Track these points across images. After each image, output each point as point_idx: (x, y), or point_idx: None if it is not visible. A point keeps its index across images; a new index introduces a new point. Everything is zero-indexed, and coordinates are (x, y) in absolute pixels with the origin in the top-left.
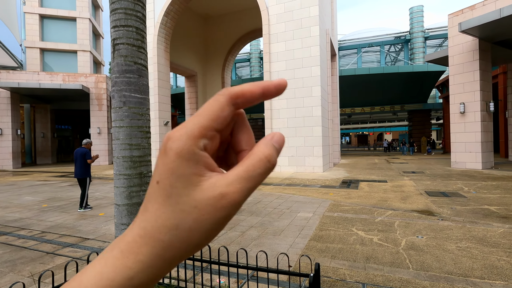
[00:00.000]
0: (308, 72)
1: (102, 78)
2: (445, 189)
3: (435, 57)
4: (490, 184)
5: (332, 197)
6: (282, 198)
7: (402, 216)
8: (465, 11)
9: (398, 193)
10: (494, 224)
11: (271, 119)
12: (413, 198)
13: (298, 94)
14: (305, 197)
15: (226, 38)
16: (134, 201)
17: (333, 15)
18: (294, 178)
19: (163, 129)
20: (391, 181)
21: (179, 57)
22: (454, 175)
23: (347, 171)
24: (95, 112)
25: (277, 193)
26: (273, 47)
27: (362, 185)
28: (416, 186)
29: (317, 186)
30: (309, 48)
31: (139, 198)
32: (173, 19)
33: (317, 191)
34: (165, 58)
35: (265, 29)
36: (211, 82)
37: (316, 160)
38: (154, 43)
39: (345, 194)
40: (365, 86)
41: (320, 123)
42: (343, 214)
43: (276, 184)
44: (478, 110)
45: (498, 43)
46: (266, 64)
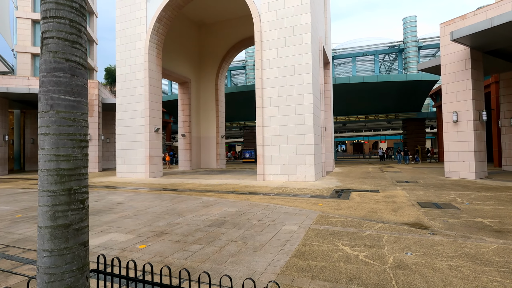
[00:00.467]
0: (300, 79)
1: (94, 84)
2: (438, 200)
3: (428, 66)
4: (484, 195)
5: (321, 208)
6: (269, 209)
7: (391, 230)
8: (456, 20)
9: (389, 204)
10: (487, 239)
11: (262, 127)
12: (405, 210)
13: (290, 101)
14: (293, 208)
15: (220, 45)
16: (59, 223)
17: (327, 23)
18: (284, 187)
19: (153, 136)
20: (384, 191)
21: (173, 64)
22: (447, 185)
23: (339, 180)
24: None
25: (264, 204)
26: (265, 54)
27: (353, 195)
28: (409, 196)
29: (307, 196)
30: (301, 55)
31: (65, 219)
32: (166, 25)
33: (307, 202)
34: (157, 64)
35: (257, 36)
36: (205, 89)
37: (308, 168)
38: (146, 49)
39: (335, 205)
40: (360, 94)
41: (312, 131)
42: (330, 227)
43: (265, 194)
44: (471, 119)
45: (489, 53)
46: (258, 71)
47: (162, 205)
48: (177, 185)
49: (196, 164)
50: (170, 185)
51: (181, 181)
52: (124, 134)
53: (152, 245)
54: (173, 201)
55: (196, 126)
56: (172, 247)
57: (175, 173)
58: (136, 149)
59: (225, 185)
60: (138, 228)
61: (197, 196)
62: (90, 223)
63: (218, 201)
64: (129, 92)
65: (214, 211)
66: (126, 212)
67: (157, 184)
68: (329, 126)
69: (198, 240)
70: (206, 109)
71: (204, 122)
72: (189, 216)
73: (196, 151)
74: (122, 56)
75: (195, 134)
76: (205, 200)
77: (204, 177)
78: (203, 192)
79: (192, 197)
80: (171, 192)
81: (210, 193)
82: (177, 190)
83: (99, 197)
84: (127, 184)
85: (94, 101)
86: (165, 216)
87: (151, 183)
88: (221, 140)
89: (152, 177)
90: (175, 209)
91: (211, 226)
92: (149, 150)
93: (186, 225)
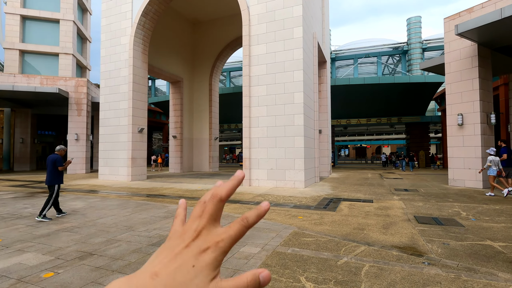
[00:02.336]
0: (290, 76)
1: (83, 82)
2: (439, 213)
3: (431, 64)
4: (493, 209)
5: (299, 222)
6: None
7: (376, 256)
8: (462, 14)
9: (381, 218)
10: (501, 274)
11: (249, 128)
12: (398, 226)
13: (279, 100)
14: (266, 222)
15: (215, 44)
16: None
17: (324, 20)
18: (269, 194)
19: (137, 137)
20: (378, 201)
21: (164, 62)
22: (451, 194)
23: (332, 187)
24: (74, 118)
25: (236, 215)
26: (253, 49)
27: (342, 205)
28: (405, 208)
29: (290, 206)
30: (291, 51)
31: None
32: (153, 20)
33: (286, 213)
34: (143, 61)
35: (245, 30)
36: (198, 89)
37: (297, 174)
38: (131, 45)
39: (317, 218)
40: (361, 97)
41: (302, 133)
42: (299, 251)
43: (244, 202)
44: (478, 122)
45: (498, 50)
46: (246, 68)
47: (118, 215)
48: (154, 189)
49: (188, 167)
50: (146, 190)
51: (162, 185)
52: (107, 134)
53: (62, 274)
54: (135, 209)
55: (188, 127)
56: (87, 277)
57: (162, 176)
58: (118, 150)
59: (206, 190)
60: (65, 246)
61: (166, 204)
62: (16, 237)
63: None
64: (113, 90)
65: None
66: (71, 223)
67: (134, 188)
68: (325, 129)
69: (126, 266)
70: (199, 110)
71: (197, 123)
72: (139, 230)
73: (188, 153)
74: (106, 52)
75: (187, 135)
76: (172, 209)
77: (189, 181)
78: (177, 199)
79: (160, 205)
80: (142, 198)
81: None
82: (150, 196)
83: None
84: (102, 188)
85: (83, 99)
86: (111, 229)
87: (129, 187)
88: (214, 142)
89: (135, 180)
90: (130, 220)
91: (155, 245)
92: (132, 152)
93: (126, 243)
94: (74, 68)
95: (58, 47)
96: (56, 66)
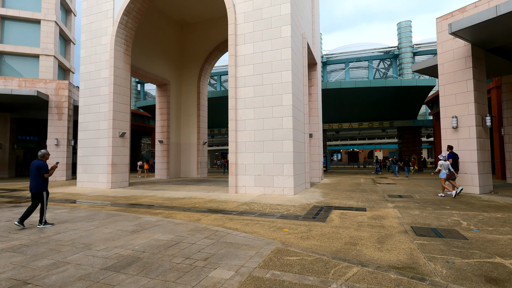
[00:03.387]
0: (278, 77)
1: (64, 84)
2: (438, 223)
3: (423, 66)
4: (495, 217)
5: (284, 236)
6: (214, 237)
7: (371, 281)
8: (455, 13)
9: (375, 229)
10: None
11: (235, 131)
12: (394, 240)
13: (266, 102)
14: (247, 236)
15: (203, 46)
16: None
17: (314, 21)
18: (255, 202)
19: (118, 141)
20: (371, 209)
21: (150, 64)
22: (447, 201)
23: (323, 194)
24: (54, 122)
25: (214, 228)
26: (239, 49)
27: (333, 215)
28: (401, 217)
29: (276, 216)
30: (279, 51)
31: None
32: (136, 19)
33: (270, 225)
34: (125, 62)
35: (231, 28)
36: (186, 92)
37: (286, 180)
38: (112, 45)
39: (304, 231)
40: (352, 100)
41: (291, 137)
42: (280, 275)
43: (227, 212)
44: (473, 125)
45: (492, 51)
46: (232, 68)
47: (81, 229)
48: (133, 198)
49: (175, 173)
50: (123, 199)
51: (142, 193)
52: (86, 139)
53: None
54: (103, 222)
55: (175, 132)
56: None
57: (146, 183)
58: (98, 155)
59: (188, 199)
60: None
61: (139, 215)
62: None
63: (158, 223)
64: (93, 92)
65: (139, 239)
66: (21, 240)
67: (111, 196)
68: (316, 133)
69: None
70: (187, 114)
71: (185, 127)
72: (97, 249)
73: (175, 158)
74: (87, 53)
75: (174, 140)
76: (145, 221)
77: (173, 188)
78: (153, 209)
79: (133, 216)
80: (115, 209)
81: (161, 210)
82: (125, 206)
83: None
84: (77, 197)
85: (64, 103)
86: (64, 248)
87: (107, 195)
88: (203, 147)
89: (115, 188)
90: (92, 235)
91: (109, 269)
92: (112, 157)
93: (74, 267)
94: (56, 70)
95: (39, 48)
96: (36, 68)
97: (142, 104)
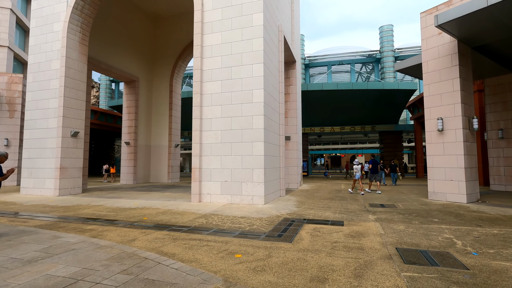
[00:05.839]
0: (249, 70)
1: (17, 78)
2: (427, 243)
3: (407, 65)
4: (492, 234)
5: (232, 266)
6: (135, 271)
7: None
8: (440, 7)
9: (353, 253)
10: None
11: (200, 131)
12: (376, 271)
13: (235, 99)
14: (181, 268)
15: (177, 42)
16: None
17: (294, 17)
18: (216, 214)
19: (69, 142)
20: (350, 223)
21: (115, 58)
22: (434, 212)
23: (298, 203)
24: (5, 120)
25: (146, 253)
26: (206, 38)
27: (304, 231)
28: (384, 234)
29: (234, 233)
30: (250, 41)
31: None
32: (94, 5)
33: (221, 248)
34: (80, 53)
35: (197, 16)
36: (158, 90)
37: (256, 187)
38: (64, 32)
39: (262, 258)
40: (334, 103)
41: (262, 138)
42: None
43: (176, 228)
44: (459, 127)
45: (477, 49)
46: (197, 60)
47: None
48: (73, 208)
49: (143, 178)
50: (62, 209)
51: (89, 202)
52: (33, 139)
53: None
54: (3, 244)
55: (144, 133)
56: None
57: (105, 189)
58: (46, 158)
59: (140, 209)
60: None
61: (60, 233)
62: None
63: (75, 246)
64: (42, 86)
65: (25, 276)
66: None
67: (49, 206)
68: (294, 135)
69: None
70: (158, 114)
71: (156, 128)
72: None
73: (144, 162)
74: (36, 41)
75: (143, 142)
76: (60, 243)
77: (132, 195)
78: (87, 224)
79: (52, 234)
80: (38, 223)
81: (95, 225)
82: (55, 219)
83: None
84: (9, 206)
85: (16, 99)
86: None
87: (46, 204)
88: (175, 149)
89: (64, 195)
90: None
91: None
92: (61, 160)
93: None
94: (11, 63)
95: None
96: None
97: (113, 103)
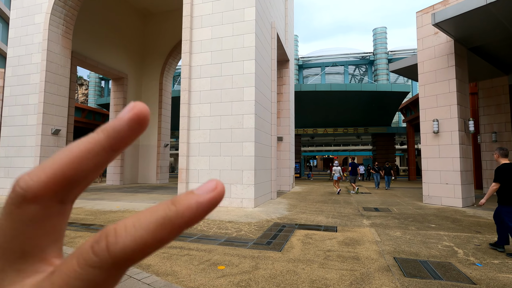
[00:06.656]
0: (240, 67)
1: None
2: (427, 252)
3: (402, 65)
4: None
5: (212, 281)
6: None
7: None
8: (436, 6)
9: (347, 264)
10: None
11: (188, 130)
12: (374, 286)
13: (225, 97)
14: (155, 283)
15: (167, 39)
16: None
17: (287, 15)
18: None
19: (50, 140)
20: (344, 229)
21: (103, 54)
22: (430, 216)
23: (290, 207)
24: None
25: (130, 269)
26: (195, 33)
27: (295, 238)
28: (380, 242)
29: (220, 240)
30: (241, 36)
31: None
32: None
33: (204, 258)
34: (63, 46)
35: (186, 9)
36: (147, 88)
37: (245, 190)
38: (46, 24)
39: (247, 270)
40: (327, 104)
41: (252, 138)
42: None
43: None
44: (455, 129)
45: (474, 50)
46: (186, 56)
47: None
48: None
49: (131, 178)
50: None
51: None
52: (11, 137)
53: None
54: None
55: None
56: None
57: (90, 190)
58: (24, 157)
59: (121, 212)
60: None
61: None
62: None
63: None
64: (22, 80)
65: None
66: None
67: None
68: (287, 136)
69: None
70: None
71: None
72: None
73: (132, 162)
74: (16, 33)
75: None
76: None
77: (116, 197)
78: None
79: None
80: None
81: (68, 230)
82: None
83: None
84: None
85: None
86: None
87: None
88: (164, 149)
89: None
90: None
91: None
92: (41, 159)
93: None
94: None
95: None
96: None
97: (102, 101)
